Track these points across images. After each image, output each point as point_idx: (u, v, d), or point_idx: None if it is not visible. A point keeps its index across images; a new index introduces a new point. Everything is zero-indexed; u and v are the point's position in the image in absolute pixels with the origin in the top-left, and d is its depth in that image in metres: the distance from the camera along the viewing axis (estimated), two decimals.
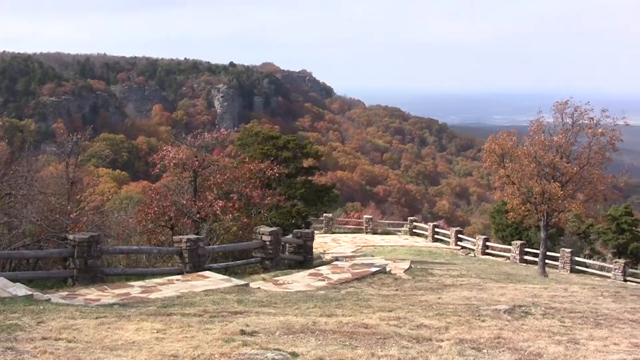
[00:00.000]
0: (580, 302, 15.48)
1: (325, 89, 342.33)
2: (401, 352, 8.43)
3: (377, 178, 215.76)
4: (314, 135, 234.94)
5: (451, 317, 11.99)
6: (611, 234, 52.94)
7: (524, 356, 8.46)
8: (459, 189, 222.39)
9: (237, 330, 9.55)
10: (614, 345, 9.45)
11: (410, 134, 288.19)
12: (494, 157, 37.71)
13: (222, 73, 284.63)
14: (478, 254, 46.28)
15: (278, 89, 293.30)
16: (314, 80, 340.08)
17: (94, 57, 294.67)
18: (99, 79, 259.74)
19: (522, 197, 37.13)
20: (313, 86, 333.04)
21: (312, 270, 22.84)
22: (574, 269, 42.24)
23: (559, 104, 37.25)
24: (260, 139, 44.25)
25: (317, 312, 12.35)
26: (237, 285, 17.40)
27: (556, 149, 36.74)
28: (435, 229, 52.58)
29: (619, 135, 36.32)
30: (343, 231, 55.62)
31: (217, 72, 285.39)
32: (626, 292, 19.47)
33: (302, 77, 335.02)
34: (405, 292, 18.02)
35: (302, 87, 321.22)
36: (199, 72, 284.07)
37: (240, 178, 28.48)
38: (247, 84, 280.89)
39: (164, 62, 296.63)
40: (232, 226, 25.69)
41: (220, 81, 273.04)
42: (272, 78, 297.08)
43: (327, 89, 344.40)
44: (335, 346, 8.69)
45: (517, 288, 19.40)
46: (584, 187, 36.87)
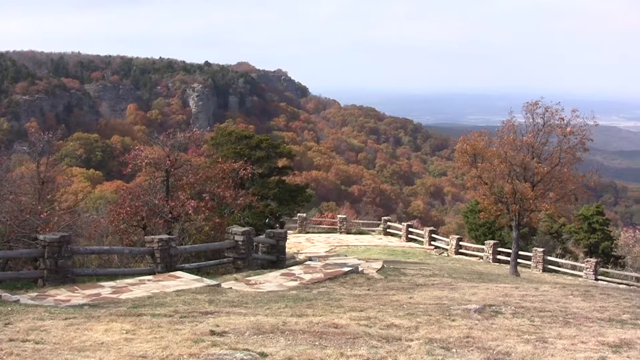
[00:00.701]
0: (550, 301, 15.58)
1: (300, 89, 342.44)
2: (370, 351, 8.47)
3: (352, 178, 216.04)
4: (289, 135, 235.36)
5: (422, 316, 12.03)
6: (583, 234, 53.32)
7: (492, 355, 8.51)
8: (433, 188, 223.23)
9: (207, 331, 9.56)
10: (581, 344, 9.53)
11: (385, 134, 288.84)
12: (465, 157, 37.88)
13: (197, 72, 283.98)
14: (451, 253, 46.44)
15: (253, 88, 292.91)
16: (289, 80, 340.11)
17: (68, 55, 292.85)
18: (73, 77, 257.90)
19: (494, 197, 37.34)
20: (288, 86, 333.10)
21: (284, 270, 22.80)
22: (547, 268, 42.43)
23: (530, 104, 37.47)
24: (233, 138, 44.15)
25: (287, 312, 12.35)
26: (208, 286, 17.37)
27: (527, 149, 36.97)
28: (409, 228, 52.71)
29: (589, 135, 36.62)
30: (317, 231, 55.62)
31: (192, 71, 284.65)
32: (596, 291, 19.60)
33: (278, 77, 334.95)
34: (377, 292, 18.05)
35: (278, 86, 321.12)
36: (174, 71, 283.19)
37: (213, 178, 28.45)
38: (222, 83, 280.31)
39: (138, 61, 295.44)
40: (205, 226, 25.62)
41: (195, 80, 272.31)
42: (248, 77, 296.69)
43: (302, 89, 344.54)
44: (304, 346, 8.71)
45: (489, 287, 19.47)
46: (554, 186, 37.12)
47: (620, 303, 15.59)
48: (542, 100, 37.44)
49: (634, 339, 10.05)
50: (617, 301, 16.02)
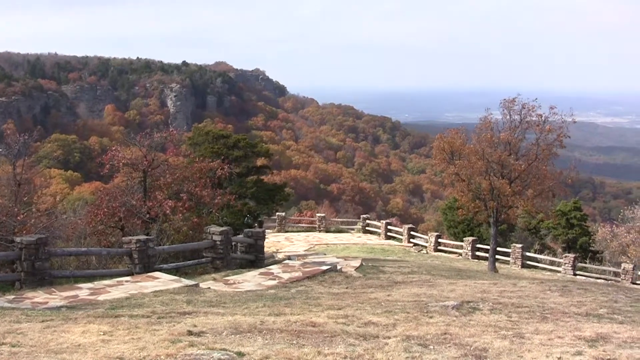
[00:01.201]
0: (528, 297, 15.63)
1: (278, 88, 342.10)
2: (348, 349, 8.46)
3: (331, 176, 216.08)
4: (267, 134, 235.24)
5: (399, 314, 12.04)
6: (561, 229, 53.58)
7: (469, 351, 8.51)
8: (412, 186, 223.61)
9: (185, 331, 9.53)
10: (558, 339, 9.55)
11: (363, 132, 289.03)
12: (443, 154, 38.01)
13: (175, 72, 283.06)
14: (430, 250, 46.61)
15: (231, 88, 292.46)
16: (267, 79, 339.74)
17: (45, 56, 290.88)
18: (50, 78, 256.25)
19: (472, 194, 37.47)
20: (266, 85, 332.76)
21: (263, 270, 22.77)
22: (525, 264, 42.67)
23: (507, 101, 37.62)
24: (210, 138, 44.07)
25: (265, 312, 12.34)
26: (187, 286, 17.33)
27: (504, 145, 37.11)
28: (388, 226, 52.84)
29: (567, 131, 36.79)
30: (296, 230, 55.63)
31: (169, 72, 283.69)
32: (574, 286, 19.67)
33: (256, 76, 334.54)
34: (356, 290, 18.05)
35: (256, 86, 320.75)
36: (152, 72, 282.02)
37: (191, 177, 28.42)
38: (200, 83, 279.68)
39: (116, 61, 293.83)
40: (183, 226, 25.59)
41: (173, 80, 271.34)
42: (226, 77, 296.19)
43: (280, 88, 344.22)
44: (282, 345, 8.70)
45: (467, 284, 19.53)
46: (532, 183, 37.28)
47: (598, 298, 15.66)
48: (519, 97, 37.60)
49: (610, 333, 10.09)
50: (594, 296, 16.09)
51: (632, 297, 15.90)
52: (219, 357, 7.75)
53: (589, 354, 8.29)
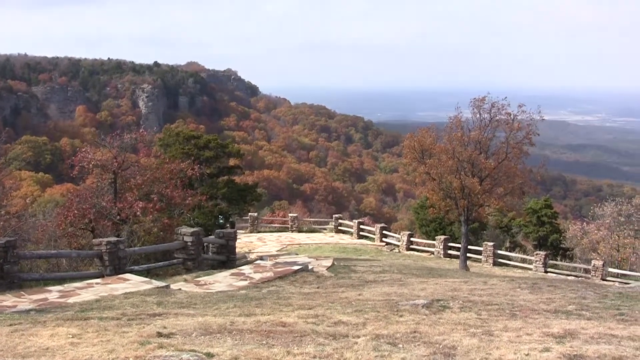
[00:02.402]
0: (498, 295, 15.71)
1: (250, 88, 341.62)
2: (317, 349, 8.47)
3: (303, 176, 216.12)
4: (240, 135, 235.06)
5: (370, 313, 12.06)
6: (532, 227, 53.94)
7: (438, 349, 8.54)
8: (385, 185, 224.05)
9: (154, 333, 9.49)
10: (527, 336, 9.61)
11: (336, 132, 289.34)
12: (414, 153, 38.13)
13: (147, 73, 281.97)
14: (403, 249, 46.69)
15: (203, 88, 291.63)
16: (239, 79, 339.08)
17: (14, 57, 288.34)
18: (20, 79, 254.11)
19: (443, 193, 37.59)
20: (238, 85, 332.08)
21: (234, 270, 22.74)
22: (497, 262, 42.90)
23: (477, 100, 37.79)
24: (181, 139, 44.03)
25: (236, 312, 12.32)
26: (157, 287, 17.27)
27: (474, 144, 37.27)
28: (360, 226, 52.87)
29: (536, 129, 37.03)
30: (269, 230, 55.55)
31: (141, 72, 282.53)
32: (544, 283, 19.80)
33: (227, 76, 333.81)
34: (327, 289, 18.07)
35: (228, 86, 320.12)
36: (123, 72, 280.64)
37: (161, 179, 28.35)
38: (171, 83, 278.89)
39: (87, 62, 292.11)
40: (153, 227, 25.48)
41: (144, 81, 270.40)
42: (197, 77, 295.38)
43: (252, 88, 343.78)
44: (251, 345, 8.69)
45: (438, 282, 19.60)
46: (502, 181, 37.48)
47: (567, 294, 15.77)
48: (489, 95, 37.78)
49: (578, 329, 10.16)
50: (563, 293, 16.20)
51: (601, 294, 16.02)
52: (187, 359, 7.74)
53: (556, 350, 8.34)
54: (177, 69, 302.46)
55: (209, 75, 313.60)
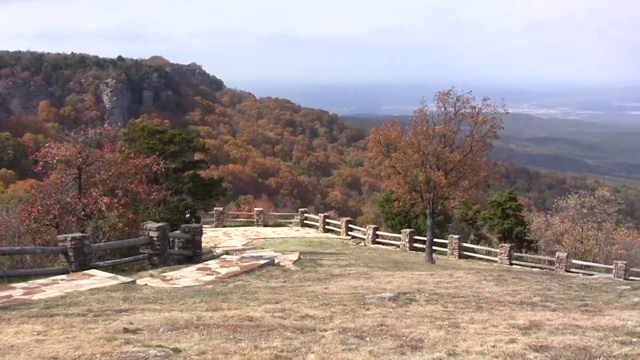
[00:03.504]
0: (464, 287, 15.83)
1: (215, 82, 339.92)
2: (284, 343, 8.49)
3: (269, 170, 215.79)
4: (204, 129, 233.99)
5: (336, 306, 12.10)
6: (497, 220, 54.23)
7: (405, 342, 8.58)
8: (350, 179, 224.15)
9: (120, 329, 9.45)
10: (492, 327, 9.69)
11: (301, 126, 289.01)
12: (379, 147, 38.19)
13: (111, 67, 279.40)
14: (369, 243, 46.78)
15: (168, 82, 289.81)
16: (203, 74, 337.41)
17: None
18: None
19: (408, 186, 37.69)
20: (203, 79, 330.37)
21: (200, 265, 22.70)
22: (463, 255, 43.11)
23: (442, 93, 37.93)
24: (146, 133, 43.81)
25: (203, 307, 12.30)
26: (123, 283, 17.17)
27: (439, 138, 37.41)
28: (326, 219, 52.90)
29: (500, 123, 37.25)
30: (235, 224, 55.42)
31: (105, 67, 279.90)
32: (509, 275, 19.99)
33: (192, 71, 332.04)
34: (293, 283, 18.09)
35: (192, 80, 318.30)
36: (87, 67, 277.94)
37: (126, 174, 28.20)
38: (136, 78, 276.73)
39: (50, 56, 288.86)
40: (119, 223, 25.33)
41: (108, 75, 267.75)
42: (162, 72, 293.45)
43: (217, 82, 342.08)
44: (218, 340, 8.69)
45: (404, 275, 19.69)
46: (467, 174, 37.66)
47: (532, 286, 15.93)
48: (454, 89, 37.93)
49: (543, 320, 10.27)
50: (528, 284, 16.36)
51: (565, 285, 16.19)
52: (155, 354, 7.71)
53: (522, 341, 8.42)
54: (142, 63, 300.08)
55: (173, 70, 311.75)
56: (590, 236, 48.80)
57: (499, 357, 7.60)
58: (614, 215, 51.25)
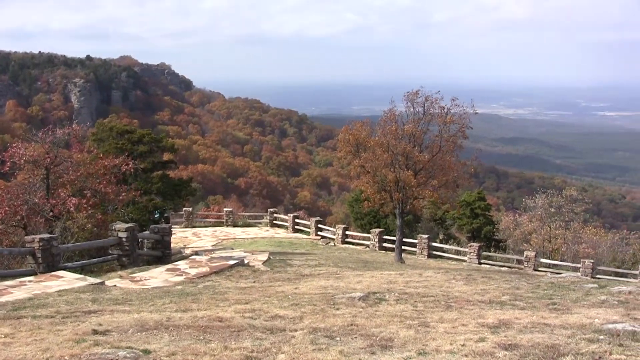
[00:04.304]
0: (433, 287, 15.89)
1: (184, 82, 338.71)
2: (255, 343, 8.49)
3: (238, 170, 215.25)
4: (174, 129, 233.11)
5: (306, 306, 12.13)
6: (466, 219, 54.48)
7: (375, 342, 8.61)
8: (319, 179, 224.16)
9: (89, 330, 9.41)
10: (462, 326, 9.74)
11: (270, 126, 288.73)
12: (348, 147, 38.20)
13: (79, 67, 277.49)
14: (338, 243, 46.77)
15: (137, 82, 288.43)
16: (173, 74, 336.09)
17: None
18: None
19: (377, 186, 37.73)
20: (172, 79, 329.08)
21: (170, 266, 22.65)
22: (432, 254, 43.21)
23: (411, 93, 38.00)
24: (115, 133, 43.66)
25: (172, 308, 12.28)
26: (92, 284, 17.09)
27: (409, 138, 37.51)
28: (295, 219, 52.85)
29: (469, 123, 37.42)
30: (204, 225, 55.22)
31: (73, 66, 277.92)
32: (478, 275, 20.09)
33: (161, 70, 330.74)
34: (263, 283, 18.09)
35: (161, 80, 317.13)
36: (55, 66, 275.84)
37: (95, 174, 28.06)
38: (104, 77, 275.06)
39: (17, 55, 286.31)
40: (87, 224, 25.21)
41: (77, 75, 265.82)
42: (131, 72, 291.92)
43: (186, 82, 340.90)
44: (188, 341, 8.68)
45: (374, 275, 19.73)
46: (436, 174, 37.77)
47: (501, 285, 16.01)
48: (423, 89, 38.04)
49: (512, 319, 10.33)
50: (497, 284, 16.44)
51: (534, 284, 16.28)
52: (124, 356, 7.69)
53: (491, 340, 8.46)
54: (110, 63, 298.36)
55: (142, 70, 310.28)
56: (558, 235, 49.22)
57: (469, 355, 7.64)
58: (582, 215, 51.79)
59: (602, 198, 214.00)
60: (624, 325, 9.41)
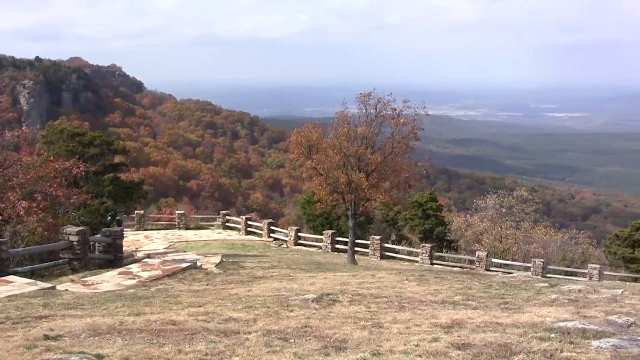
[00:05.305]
0: (386, 287, 15.95)
1: (135, 84, 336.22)
2: (209, 346, 8.46)
3: (190, 173, 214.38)
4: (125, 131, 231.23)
5: (260, 309, 12.10)
6: (418, 220, 54.86)
7: (329, 343, 8.61)
8: (272, 181, 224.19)
9: (41, 336, 9.29)
10: (415, 327, 9.79)
11: (222, 128, 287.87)
12: (300, 149, 38.21)
13: (28, 68, 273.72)
14: (291, 245, 46.84)
15: (87, 84, 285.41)
16: (124, 75, 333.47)
17: None
18: None
19: (330, 188, 37.81)
20: (123, 81, 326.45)
21: (122, 269, 22.48)
22: (384, 255, 43.45)
23: (363, 95, 38.17)
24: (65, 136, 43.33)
25: (125, 312, 12.18)
26: (43, 289, 16.89)
27: (361, 139, 37.63)
28: (247, 221, 52.81)
29: (421, 124, 37.66)
30: (156, 228, 54.90)
31: (22, 68, 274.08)
32: (431, 275, 20.21)
33: (112, 72, 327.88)
34: (216, 286, 18.04)
35: (112, 82, 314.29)
36: (3, 68, 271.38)
37: (45, 177, 27.76)
38: (54, 79, 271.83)
39: None
40: (38, 227, 24.90)
41: (25, 77, 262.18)
42: (81, 73, 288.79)
43: (137, 84, 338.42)
44: (142, 345, 8.61)
45: (327, 277, 19.75)
46: (389, 175, 37.95)
47: (453, 285, 16.12)
48: (375, 91, 38.20)
49: (464, 319, 10.41)
50: (450, 284, 16.56)
51: (485, 284, 16.43)
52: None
53: (444, 339, 8.52)
54: (60, 64, 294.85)
55: (93, 71, 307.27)
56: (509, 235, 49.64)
57: (422, 355, 7.68)
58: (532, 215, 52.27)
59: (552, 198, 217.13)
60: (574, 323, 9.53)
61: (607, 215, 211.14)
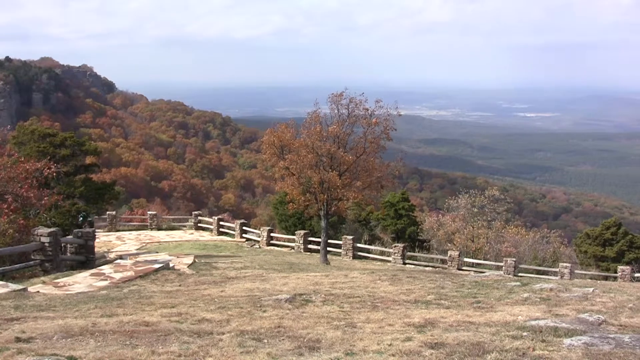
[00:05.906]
0: (359, 287, 16.00)
1: (107, 84, 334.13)
2: (182, 347, 8.46)
3: (162, 173, 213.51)
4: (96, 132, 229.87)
5: (233, 309, 12.11)
6: (390, 220, 54.89)
7: (303, 343, 8.64)
8: (244, 181, 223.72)
9: (12, 338, 9.26)
10: (389, 326, 9.84)
11: (194, 128, 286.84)
12: (273, 149, 38.16)
13: None
14: (263, 245, 46.78)
15: (58, 84, 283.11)
16: (95, 76, 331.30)
17: None
18: None
19: (302, 188, 37.81)
20: (94, 81, 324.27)
21: (94, 270, 22.39)
22: (357, 255, 43.46)
23: (335, 95, 38.22)
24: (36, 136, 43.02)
25: (98, 313, 12.14)
26: (14, 291, 16.77)
27: (333, 139, 37.65)
28: (220, 222, 52.68)
29: (393, 124, 37.74)
30: (128, 228, 54.64)
31: None
32: (403, 275, 20.28)
33: (83, 72, 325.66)
34: (189, 287, 18.02)
35: (83, 82, 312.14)
36: None
37: (16, 178, 27.56)
38: (25, 79, 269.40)
39: None
40: (8, 229, 24.73)
41: None
42: (52, 73, 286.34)
43: (108, 84, 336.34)
44: (115, 346, 8.60)
45: (300, 277, 19.78)
46: (361, 175, 38.03)
47: (426, 285, 16.19)
48: (347, 91, 38.26)
49: (437, 318, 10.48)
50: (422, 283, 16.62)
51: (458, 283, 16.52)
52: None
53: (417, 339, 8.57)
54: (31, 64, 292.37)
55: (63, 71, 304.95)
56: (480, 235, 49.90)
57: (396, 355, 7.72)
58: (504, 214, 52.55)
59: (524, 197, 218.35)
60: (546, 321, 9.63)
61: (578, 214, 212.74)
